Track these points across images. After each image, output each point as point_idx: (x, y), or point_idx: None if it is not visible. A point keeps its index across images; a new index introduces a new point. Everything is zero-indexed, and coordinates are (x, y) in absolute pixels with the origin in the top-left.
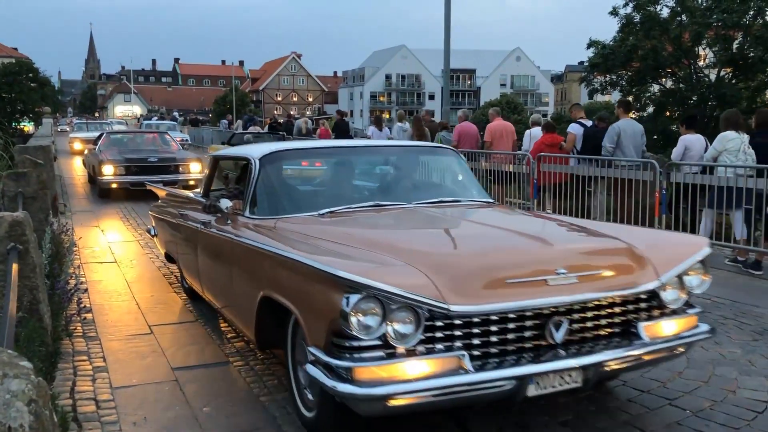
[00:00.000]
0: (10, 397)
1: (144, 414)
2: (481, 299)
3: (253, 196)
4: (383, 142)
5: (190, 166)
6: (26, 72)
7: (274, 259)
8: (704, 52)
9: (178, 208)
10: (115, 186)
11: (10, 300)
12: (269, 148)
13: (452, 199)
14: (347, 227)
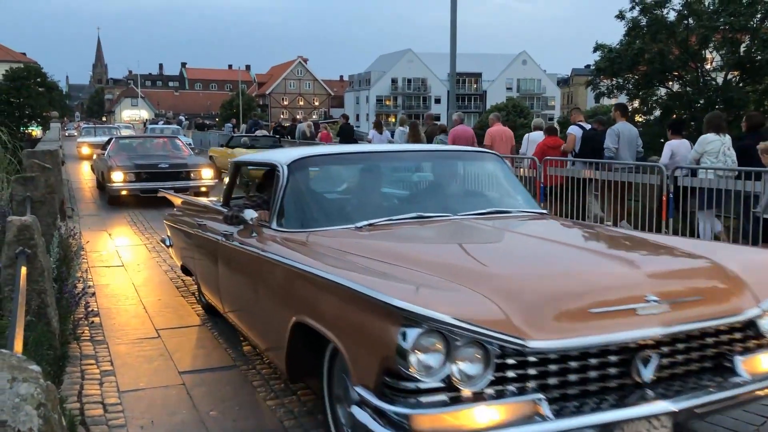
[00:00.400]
0: (20, 401)
1: (151, 418)
2: (563, 333)
3: (281, 206)
4: (421, 146)
5: (202, 172)
6: (34, 77)
7: (310, 280)
8: (711, 55)
9: (195, 217)
10: (125, 193)
11: (18, 304)
12: (297, 153)
13: (501, 210)
14: (391, 243)
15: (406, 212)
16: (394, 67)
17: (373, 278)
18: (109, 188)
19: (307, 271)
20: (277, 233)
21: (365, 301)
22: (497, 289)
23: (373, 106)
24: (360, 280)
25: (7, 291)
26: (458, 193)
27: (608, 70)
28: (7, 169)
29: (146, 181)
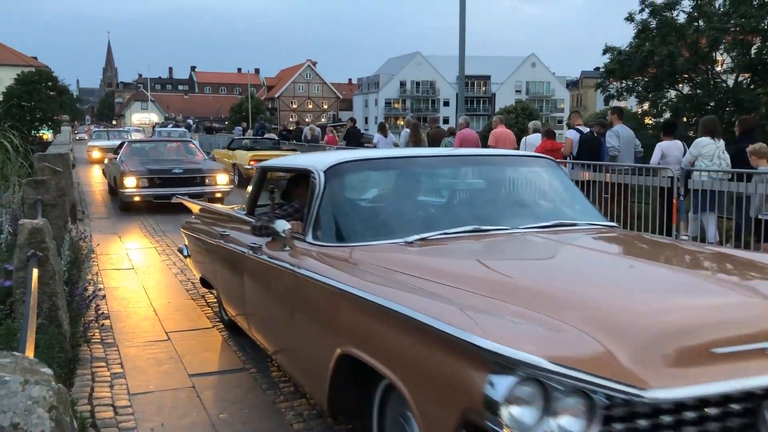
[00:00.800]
0: (32, 403)
1: (161, 420)
2: (684, 379)
3: (317, 217)
4: (470, 150)
5: (217, 177)
6: (45, 80)
7: (361, 306)
8: (722, 57)
9: (216, 226)
10: (137, 199)
11: (30, 307)
12: (334, 158)
13: (566, 222)
14: (450, 261)
15: (461, 225)
16: (403, 70)
17: (445, 307)
18: (122, 194)
19: (356, 294)
20: (314, 247)
21: (437, 335)
22: (596, 322)
23: (381, 109)
24: (429, 310)
25: (19, 294)
26: (515, 202)
27: (618, 72)
28: (18, 172)
29: (160, 187)
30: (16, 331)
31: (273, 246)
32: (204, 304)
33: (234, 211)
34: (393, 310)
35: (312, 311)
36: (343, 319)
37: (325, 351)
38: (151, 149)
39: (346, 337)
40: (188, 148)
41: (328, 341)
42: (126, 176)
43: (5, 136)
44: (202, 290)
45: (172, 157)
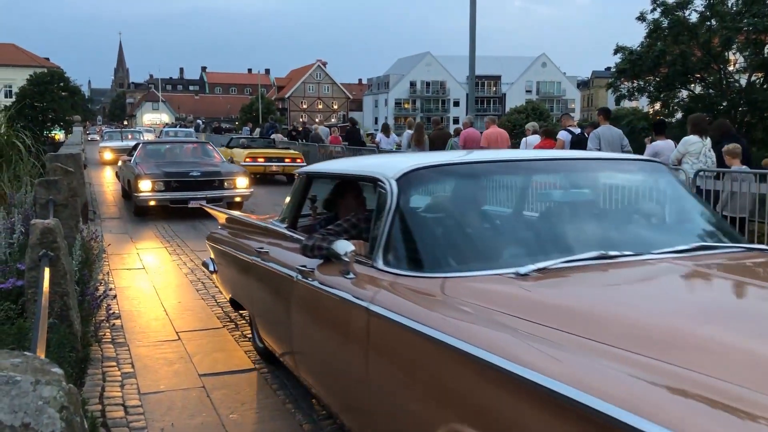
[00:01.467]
0: (43, 403)
1: (171, 420)
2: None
3: (390, 236)
4: (574, 153)
5: (237, 180)
6: (57, 81)
7: (476, 368)
8: (734, 56)
9: (250, 240)
10: (153, 203)
11: (41, 306)
12: (407, 163)
13: (709, 245)
14: (593, 306)
15: (583, 249)
16: (413, 71)
17: (617, 383)
18: (136, 198)
19: (468, 352)
20: (387, 276)
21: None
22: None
23: (391, 110)
24: (592, 385)
25: (31, 293)
26: (639, 218)
27: (629, 72)
28: (30, 172)
29: (176, 191)
30: (28, 330)
31: (328, 270)
32: (214, 304)
33: (271, 223)
34: (534, 382)
35: (396, 366)
36: (448, 384)
37: (420, 426)
38: (166, 151)
39: (453, 410)
40: (205, 149)
41: (426, 414)
42: (141, 179)
43: (18, 136)
44: (213, 290)
45: (189, 160)
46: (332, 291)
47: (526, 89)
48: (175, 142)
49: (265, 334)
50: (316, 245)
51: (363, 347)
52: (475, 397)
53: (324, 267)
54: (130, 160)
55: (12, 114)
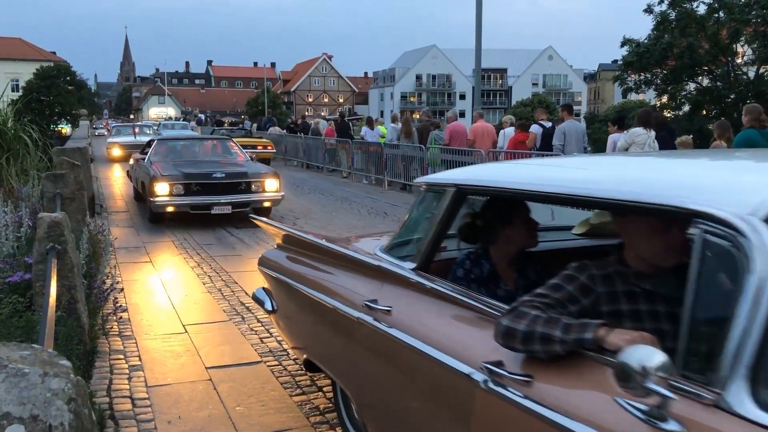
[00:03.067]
0: (51, 395)
1: (178, 413)
2: None
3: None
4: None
5: (266, 183)
6: (64, 75)
7: None
8: (742, 49)
9: (343, 279)
10: (171, 210)
11: (49, 299)
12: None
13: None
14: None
15: None
16: (419, 64)
17: None
18: (152, 203)
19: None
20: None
21: None
22: None
23: (397, 103)
24: None
25: (38, 287)
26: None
27: (636, 64)
28: (37, 166)
29: (198, 195)
30: (36, 323)
31: (576, 382)
32: (220, 297)
33: (376, 257)
34: None
35: None
36: None
37: None
38: (184, 148)
39: None
40: (227, 147)
41: None
42: (157, 182)
43: (25, 130)
44: (219, 284)
45: (210, 158)
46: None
47: (533, 82)
48: (194, 138)
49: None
50: (538, 333)
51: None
52: None
53: (558, 372)
54: (144, 159)
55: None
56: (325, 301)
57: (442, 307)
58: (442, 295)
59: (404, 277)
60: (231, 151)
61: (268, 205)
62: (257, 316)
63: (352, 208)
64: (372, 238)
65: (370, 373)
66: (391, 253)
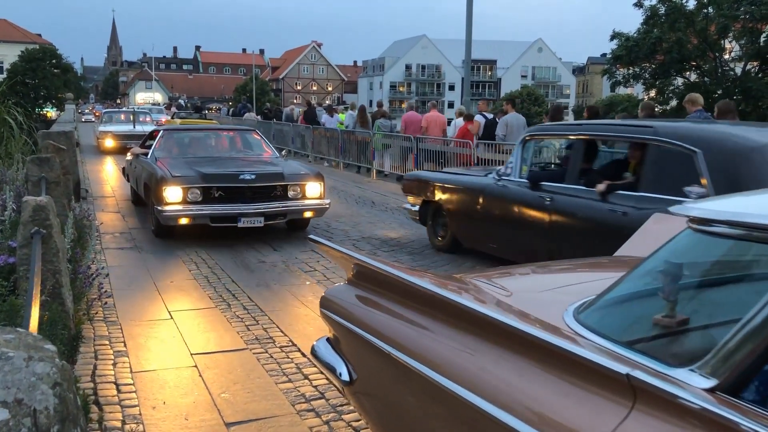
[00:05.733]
0: (36, 380)
1: (163, 399)
2: None
3: None
4: None
5: (307, 187)
6: (49, 58)
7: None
8: (730, 45)
9: (535, 388)
10: (185, 221)
11: (33, 284)
12: None
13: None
14: None
15: None
16: (409, 53)
17: None
18: (159, 213)
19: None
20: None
21: None
22: None
23: (386, 92)
24: None
25: (23, 271)
26: None
27: (625, 58)
28: (22, 149)
29: (220, 203)
30: (20, 307)
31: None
32: (206, 284)
33: (589, 342)
34: None
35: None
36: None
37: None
38: (196, 141)
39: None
40: (248, 140)
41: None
42: (167, 185)
43: (9, 113)
44: (206, 271)
45: (231, 154)
46: None
47: (522, 74)
48: (210, 129)
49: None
50: None
51: None
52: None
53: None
54: (147, 154)
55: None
56: (486, 414)
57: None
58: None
59: (694, 408)
60: (255, 145)
61: (309, 215)
62: (243, 303)
63: (339, 197)
64: (517, 282)
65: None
66: (627, 338)
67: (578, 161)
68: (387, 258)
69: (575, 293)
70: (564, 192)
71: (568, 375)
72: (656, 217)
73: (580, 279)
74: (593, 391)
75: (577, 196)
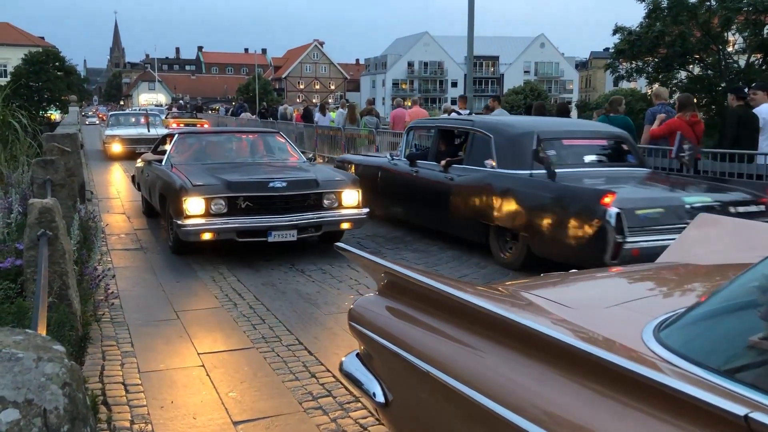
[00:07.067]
0: (45, 380)
1: (171, 398)
2: None
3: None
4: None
5: (344, 195)
6: (53, 61)
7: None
8: (733, 37)
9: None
10: (209, 237)
11: (41, 286)
12: None
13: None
14: None
15: None
16: (411, 51)
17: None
18: (179, 228)
19: None
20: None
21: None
22: None
23: (389, 90)
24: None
25: (30, 273)
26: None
27: (628, 52)
28: (27, 152)
29: (248, 214)
30: (27, 309)
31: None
32: (212, 284)
33: (689, 375)
34: None
35: None
36: None
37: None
38: (214, 146)
39: None
40: (271, 143)
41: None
42: (188, 195)
43: (14, 116)
44: (212, 272)
45: (254, 159)
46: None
47: (525, 70)
48: (228, 132)
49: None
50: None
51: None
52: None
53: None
54: (161, 161)
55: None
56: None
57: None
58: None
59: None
60: (280, 148)
61: (346, 226)
62: (249, 303)
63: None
64: (573, 293)
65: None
66: (724, 365)
67: (435, 145)
68: (392, 256)
69: (647, 309)
70: (425, 167)
71: (659, 412)
72: (700, 220)
73: (644, 291)
74: (685, 423)
75: (431, 169)
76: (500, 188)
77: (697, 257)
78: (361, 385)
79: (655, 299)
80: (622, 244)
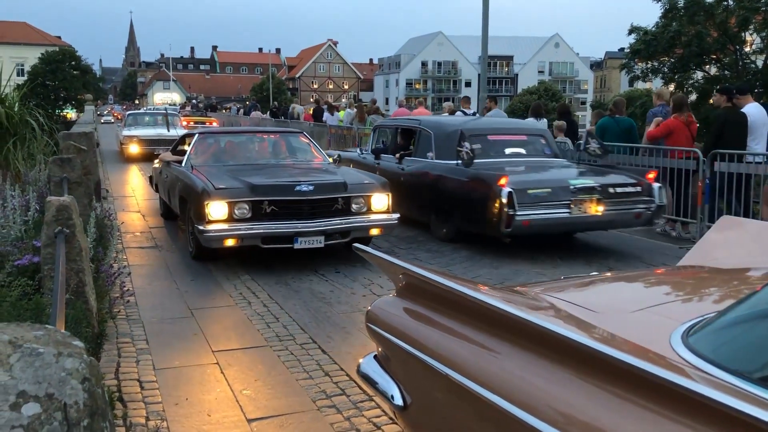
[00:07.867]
0: (65, 375)
1: (186, 395)
2: None
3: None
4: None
5: (373, 199)
6: (69, 60)
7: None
8: (751, 37)
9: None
10: (232, 243)
11: (59, 282)
12: None
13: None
14: None
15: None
16: (424, 50)
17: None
18: (201, 233)
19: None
20: None
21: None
22: None
23: (402, 90)
24: None
25: (47, 270)
26: None
27: (643, 52)
28: (43, 150)
29: (274, 219)
30: (45, 305)
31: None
32: (227, 282)
33: (721, 383)
34: None
35: None
36: None
37: None
38: (236, 147)
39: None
40: (296, 143)
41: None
42: (210, 199)
43: (31, 114)
44: (226, 271)
45: (278, 161)
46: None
47: (539, 70)
48: (250, 132)
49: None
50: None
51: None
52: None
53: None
54: (181, 163)
55: (25, 93)
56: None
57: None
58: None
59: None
60: (304, 150)
61: (375, 232)
62: (263, 301)
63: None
64: (597, 295)
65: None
66: (759, 372)
67: (393, 141)
68: (406, 256)
69: (672, 313)
70: (386, 159)
71: (690, 420)
72: (722, 223)
73: (668, 295)
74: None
75: (389, 162)
76: (434, 175)
77: (719, 260)
78: (379, 387)
79: (680, 303)
80: (514, 216)
